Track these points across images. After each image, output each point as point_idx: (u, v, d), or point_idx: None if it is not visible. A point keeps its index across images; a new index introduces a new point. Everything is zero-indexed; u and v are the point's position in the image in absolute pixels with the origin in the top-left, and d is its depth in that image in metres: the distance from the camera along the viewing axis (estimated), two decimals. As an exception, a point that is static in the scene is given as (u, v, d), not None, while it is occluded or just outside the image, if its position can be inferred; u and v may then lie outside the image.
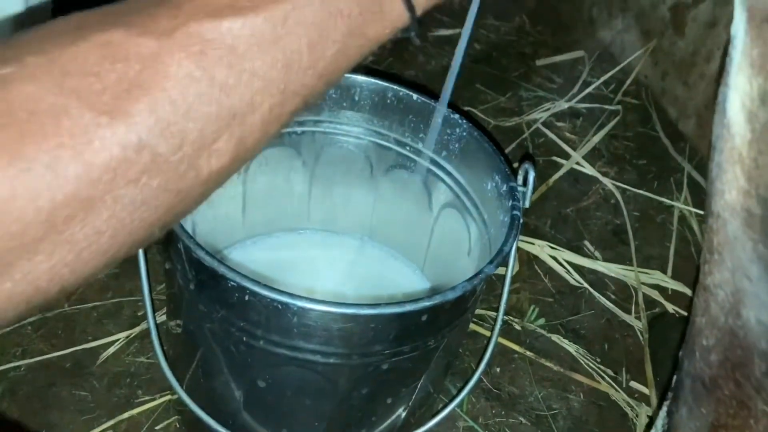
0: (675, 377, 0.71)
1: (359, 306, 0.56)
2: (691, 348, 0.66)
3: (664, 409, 0.76)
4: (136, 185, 0.31)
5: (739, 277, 0.56)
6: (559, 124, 1.34)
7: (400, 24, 0.39)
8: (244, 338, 0.60)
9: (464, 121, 0.76)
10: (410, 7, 0.38)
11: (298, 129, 0.82)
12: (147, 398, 0.84)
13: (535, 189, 1.21)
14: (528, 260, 1.09)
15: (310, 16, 0.34)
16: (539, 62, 1.48)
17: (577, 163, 1.24)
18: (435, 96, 0.79)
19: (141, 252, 0.67)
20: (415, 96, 0.78)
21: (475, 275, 0.60)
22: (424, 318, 0.59)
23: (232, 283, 0.56)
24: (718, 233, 0.57)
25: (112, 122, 0.30)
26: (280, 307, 0.56)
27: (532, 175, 0.70)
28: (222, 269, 0.56)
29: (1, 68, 0.29)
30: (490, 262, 0.62)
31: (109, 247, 0.32)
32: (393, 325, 0.59)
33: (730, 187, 0.53)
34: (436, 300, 0.58)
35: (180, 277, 0.63)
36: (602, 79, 1.40)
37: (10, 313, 0.31)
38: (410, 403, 0.70)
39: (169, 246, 0.64)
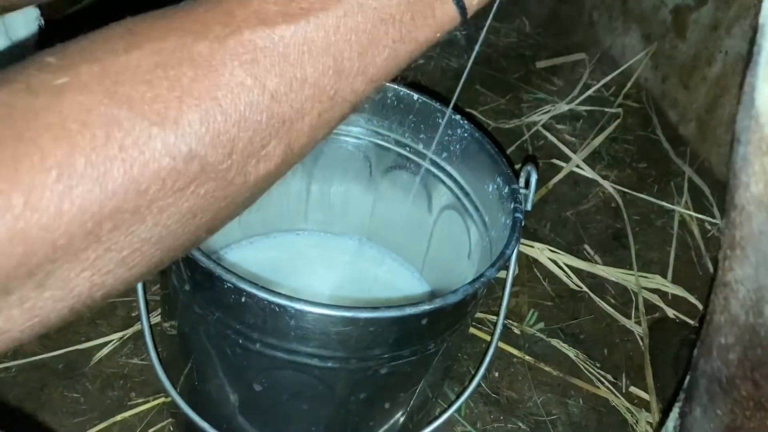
0: (688, 377, 0.70)
1: (358, 309, 0.55)
2: (708, 347, 0.64)
3: (676, 410, 0.74)
4: (184, 194, 0.31)
5: (764, 273, 0.55)
6: (559, 126, 1.33)
7: (450, 26, 0.38)
8: (240, 341, 0.59)
9: (466, 122, 0.75)
10: (463, 11, 0.38)
11: (297, 128, 0.81)
12: (140, 400, 0.83)
13: (535, 192, 1.21)
14: (527, 264, 1.08)
15: (361, 22, 0.34)
16: (539, 64, 1.47)
17: (577, 166, 1.23)
18: (435, 97, 0.78)
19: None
20: (415, 96, 0.77)
21: (477, 278, 0.59)
22: (424, 322, 0.58)
23: (228, 284, 0.55)
24: (741, 227, 0.56)
25: (163, 132, 0.29)
26: (277, 309, 0.55)
27: (534, 178, 0.69)
28: (218, 270, 0.54)
29: (57, 78, 0.28)
30: (492, 265, 0.61)
31: (153, 253, 0.31)
32: (393, 329, 0.58)
33: (757, 179, 0.52)
34: (437, 304, 0.56)
35: (175, 278, 0.62)
36: (603, 81, 1.39)
37: (52, 319, 0.30)
38: (408, 408, 0.69)
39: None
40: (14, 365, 0.83)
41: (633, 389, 0.95)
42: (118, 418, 0.80)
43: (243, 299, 0.55)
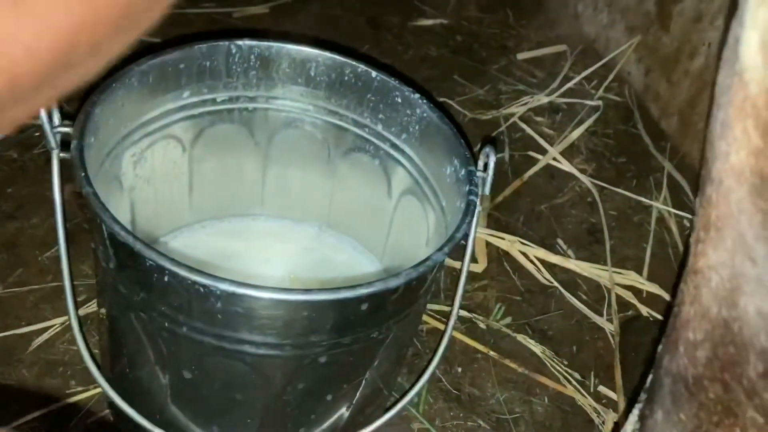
0: (651, 376, 0.65)
1: (289, 291, 0.51)
2: (673, 342, 0.60)
3: (635, 412, 0.70)
4: None
5: (740, 259, 0.49)
6: (538, 118, 1.29)
7: None
8: (166, 324, 0.55)
9: (424, 101, 0.71)
10: None
11: (249, 105, 0.77)
12: (80, 389, 0.79)
13: (509, 184, 1.17)
14: (497, 257, 1.04)
15: None
16: (521, 56, 1.43)
17: (554, 159, 1.20)
18: (411, 86, 0.73)
19: (61, 234, 0.62)
20: (374, 73, 0.73)
21: (422, 262, 0.55)
22: (364, 307, 0.54)
23: (150, 262, 0.51)
24: (717, 205, 0.50)
25: None
26: (202, 290, 0.51)
27: (492, 160, 0.65)
28: (138, 246, 0.50)
29: None
30: (440, 248, 0.57)
31: None
32: (330, 314, 0.54)
33: (738, 147, 0.46)
34: (377, 287, 0.53)
35: (101, 257, 0.58)
36: (583, 74, 1.35)
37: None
38: (354, 401, 0.65)
39: (91, 224, 0.59)
40: (-53, 349, 0.79)
41: (601, 388, 0.91)
42: (54, 407, 0.76)
43: (166, 278, 0.51)
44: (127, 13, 0.25)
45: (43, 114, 0.57)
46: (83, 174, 0.54)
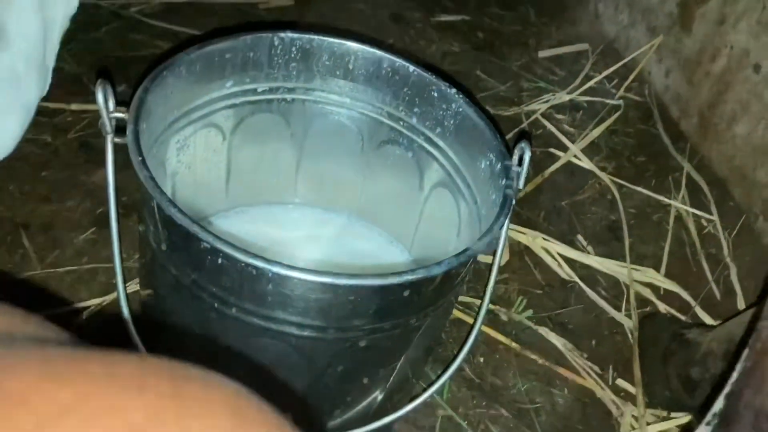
0: (724, 401, 0.62)
1: (339, 275, 0.53)
2: (757, 378, 0.57)
3: (704, 428, 0.67)
4: None
5: None
6: (559, 116, 1.31)
7: None
8: (216, 305, 0.57)
9: (461, 96, 0.73)
10: None
11: (288, 96, 0.79)
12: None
13: (530, 180, 1.19)
14: (519, 251, 1.06)
15: None
16: (542, 53, 1.44)
17: (575, 156, 1.22)
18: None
19: (113, 216, 0.64)
20: (411, 68, 0.75)
21: (462, 252, 0.57)
22: (406, 293, 0.56)
23: (205, 244, 0.53)
24: None
25: None
26: (254, 272, 0.53)
27: (528, 155, 0.67)
28: (194, 228, 0.52)
29: None
30: (479, 239, 0.59)
31: None
32: (374, 299, 0.56)
33: None
34: (420, 274, 0.55)
35: (152, 238, 0.60)
36: (605, 73, 1.37)
37: None
38: (387, 386, 0.67)
39: (143, 206, 0.61)
40: (-12, 326, 0.81)
41: (620, 382, 0.93)
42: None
43: (219, 261, 0.53)
44: None
45: (100, 98, 0.59)
46: (140, 159, 0.56)
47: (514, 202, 0.65)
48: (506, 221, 0.64)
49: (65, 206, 0.97)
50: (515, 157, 0.68)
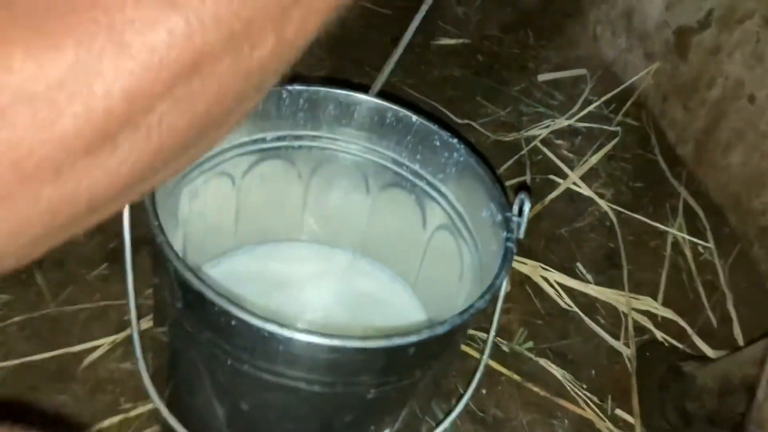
0: None
1: (346, 338, 0.56)
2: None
3: None
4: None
5: None
6: (558, 141, 1.33)
7: None
8: (230, 361, 0.59)
9: (462, 145, 0.76)
10: None
11: (296, 143, 0.81)
12: (129, 405, 0.83)
13: (531, 207, 1.21)
14: (519, 280, 1.08)
15: None
16: (541, 77, 1.47)
17: (574, 184, 1.24)
18: (432, 111, 0.77)
19: (128, 254, 0.66)
20: (414, 117, 0.78)
21: (466, 310, 0.60)
22: (411, 351, 0.59)
23: (219, 307, 0.55)
24: None
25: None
26: (266, 335, 0.55)
27: (527, 207, 0.69)
28: (210, 294, 0.55)
29: None
30: (481, 296, 0.61)
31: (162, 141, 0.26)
32: (380, 357, 0.58)
33: None
34: (425, 335, 0.57)
35: (167, 293, 0.62)
36: (603, 98, 1.40)
37: (65, 213, 0.26)
38: (394, 429, 0.70)
39: (157, 263, 0.63)
40: (4, 366, 0.84)
41: (618, 412, 0.96)
42: (107, 423, 0.81)
43: (233, 323, 0.56)
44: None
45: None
46: (157, 224, 0.58)
47: (514, 253, 0.68)
48: (507, 275, 0.66)
49: (77, 241, 0.99)
50: (515, 207, 0.71)
